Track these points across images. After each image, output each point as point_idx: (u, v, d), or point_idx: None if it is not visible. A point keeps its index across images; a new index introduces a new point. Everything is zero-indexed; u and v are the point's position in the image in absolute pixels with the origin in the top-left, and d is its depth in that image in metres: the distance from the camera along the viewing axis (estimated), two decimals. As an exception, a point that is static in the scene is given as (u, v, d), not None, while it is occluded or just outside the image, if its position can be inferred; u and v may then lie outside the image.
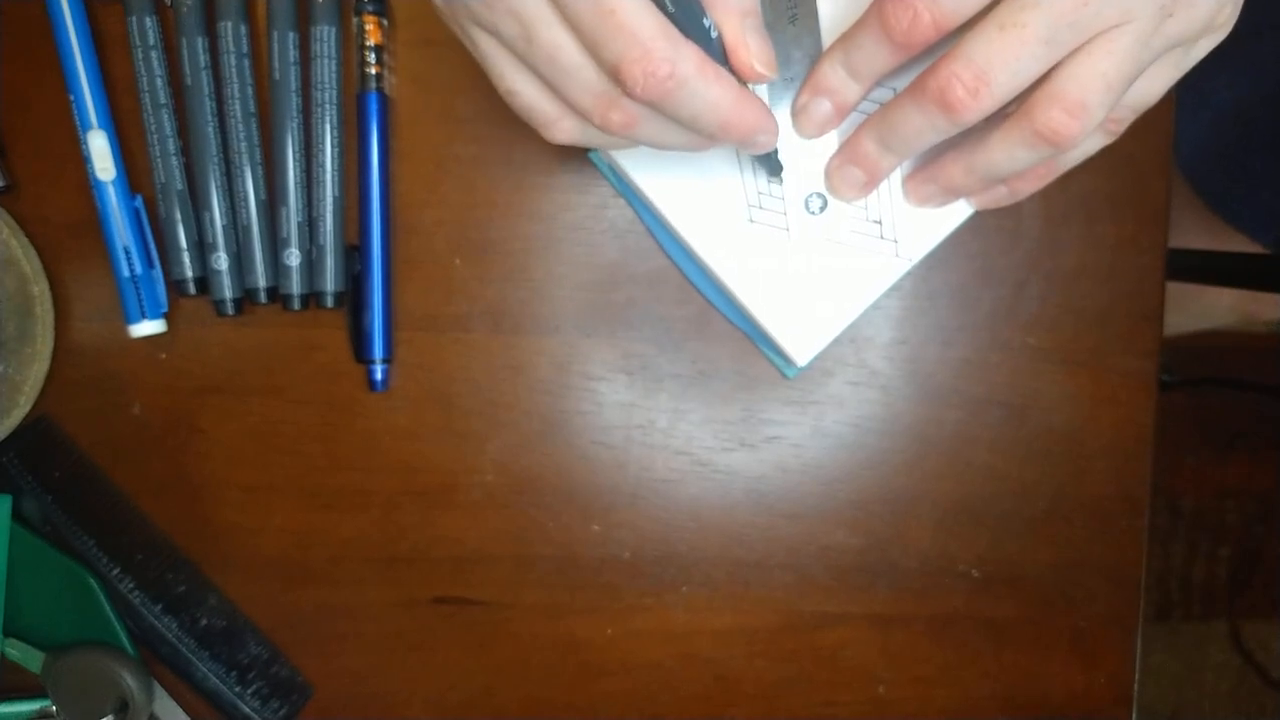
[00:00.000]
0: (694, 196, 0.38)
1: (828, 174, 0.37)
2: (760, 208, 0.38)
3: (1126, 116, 0.33)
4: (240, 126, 0.39)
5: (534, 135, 0.41)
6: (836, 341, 0.42)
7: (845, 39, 0.33)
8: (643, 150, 0.38)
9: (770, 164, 0.36)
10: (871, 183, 0.37)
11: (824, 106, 0.36)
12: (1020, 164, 0.33)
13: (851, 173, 0.37)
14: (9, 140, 0.40)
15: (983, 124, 0.32)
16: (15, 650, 0.41)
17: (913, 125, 0.32)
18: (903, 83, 0.33)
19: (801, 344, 0.39)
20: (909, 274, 0.38)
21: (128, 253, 0.40)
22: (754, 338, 0.42)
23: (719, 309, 0.42)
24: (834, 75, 0.34)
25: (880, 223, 0.38)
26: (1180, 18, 0.29)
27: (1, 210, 0.40)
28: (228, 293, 0.40)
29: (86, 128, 0.39)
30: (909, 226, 0.38)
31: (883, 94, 0.36)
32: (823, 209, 0.38)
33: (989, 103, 0.30)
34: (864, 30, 0.32)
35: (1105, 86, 0.29)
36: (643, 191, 0.38)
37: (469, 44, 0.29)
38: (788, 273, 0.38)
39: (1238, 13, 0.32)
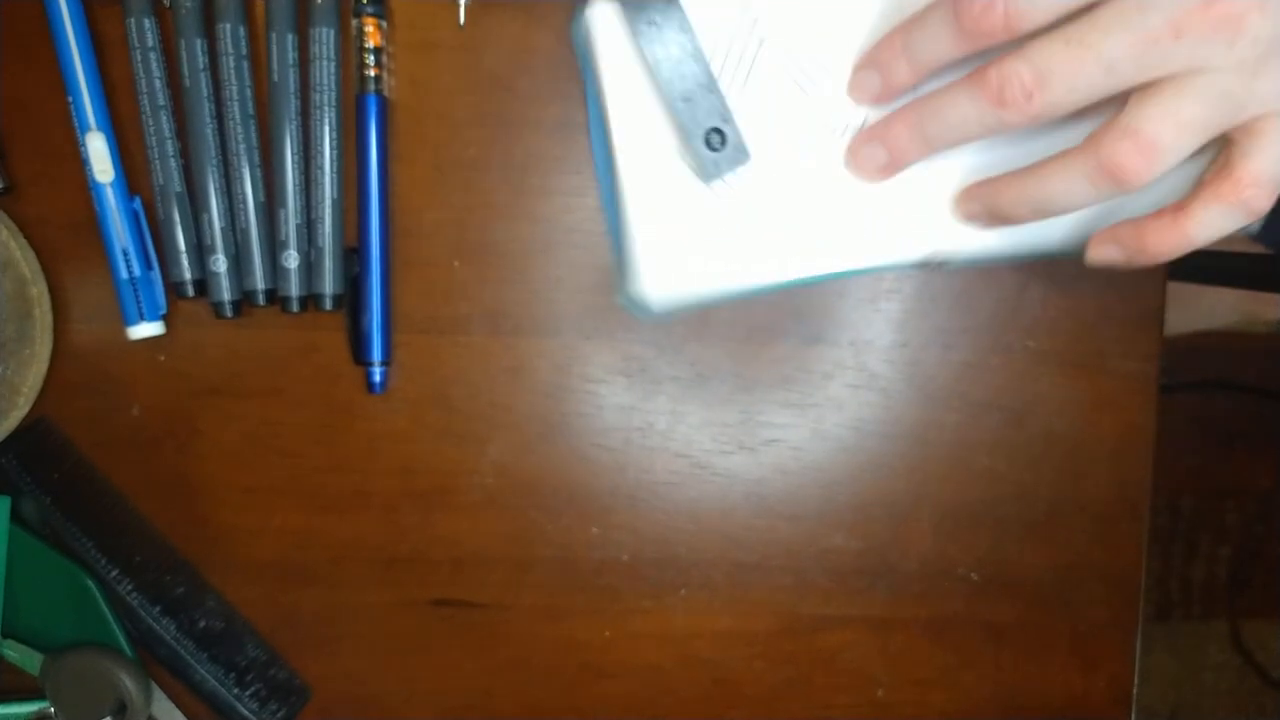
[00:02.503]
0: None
1: (850, 149, 0.36)
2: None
3: (1269, 191, 0.32)
4: (239, 128, 0.39)
5: (534, 137, 0.41)
6: (836, 343, 0.41)
7: (911, 20, 0.33)
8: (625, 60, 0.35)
9: None
10: (892, 167, 0.36)
11: (873, 80, 0.35)
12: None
13: (876, 152, 0.36)
14: (8, 142, 0.40)
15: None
16: (14, 652, 0.41)
17: (959, 114, 0.32)
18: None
19: (657, 277, 0.36)
20: (902, 274, 0.38)
21: (126, 255, 0.40)
22: (615, 244, 0.38)
23: (604, 206, 0.39)
24: (889, 50, 0.34)
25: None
26: (1274, 79, 0.29)
27: (1, 212, 0.40)
28: (226, 295, 0.40)
29: (85, 129, 0.39)
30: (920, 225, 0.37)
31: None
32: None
33: (1039, 109, 0.30)
34: (934, 11, 0.32)
35: (1176, 126, 0.29)
36: (604, 96, 0.35)
37: None
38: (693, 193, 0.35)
39: None
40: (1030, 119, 0.31)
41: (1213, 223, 0.32)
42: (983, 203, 0.36)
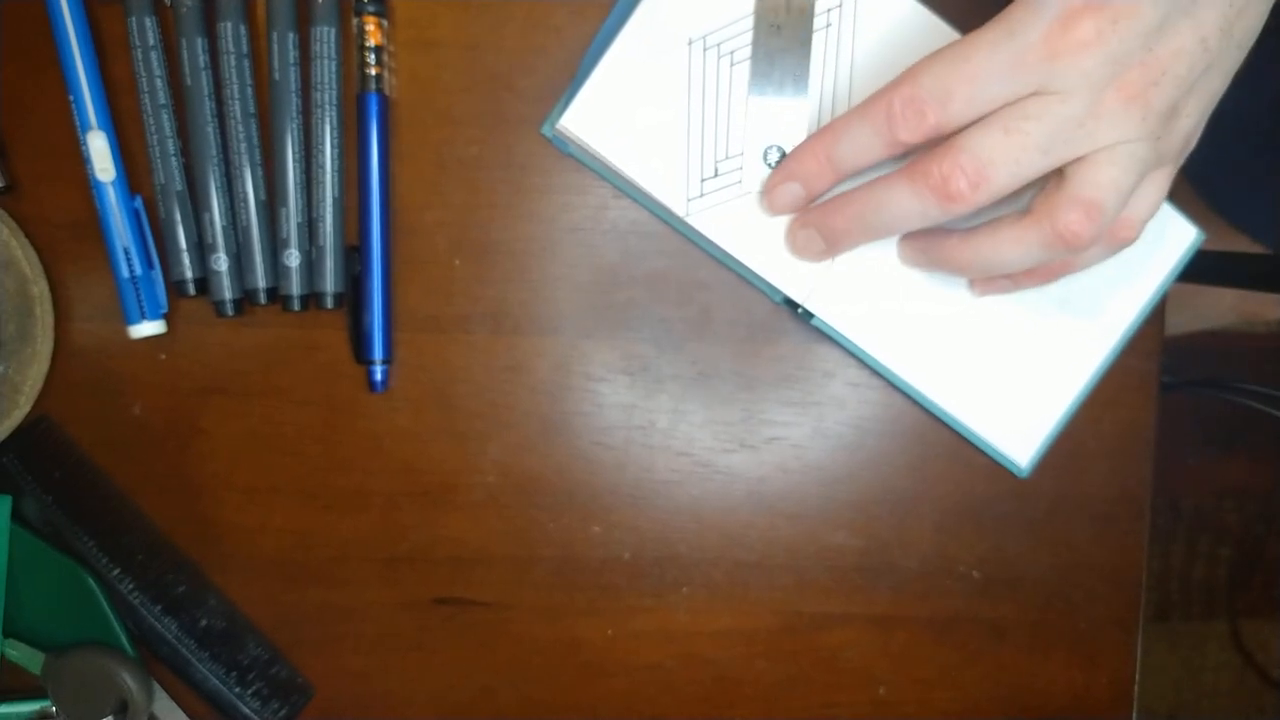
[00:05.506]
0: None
1: (789, 231, 0.38)
2: None
3: (1137, 227, 0.34)
4: (240, 127, 0.39)
5: (534, 136, 0.41)
6: (836, 343, 0.41)
7: (834, 129, 0.34)
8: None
9: None
10: (829, 253, 0.38)
11: (794, 190, 0.37)
12: (1031, 262, 0.34)
13: (812, 239, 0.38)
14: (9, 141, 0.40)
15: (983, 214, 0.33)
16: (15, 651, 0.41)
17: (903, 209, 0.33)
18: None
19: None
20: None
21: (127, 253, 0.40)
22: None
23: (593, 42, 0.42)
24: (813, 161, 0.35)
25: None
26: (1166, 140, 0.32)
27: (1, 211, 0.40)
28: (227, 293, 0.40)
29: (86, 128, 0.39)
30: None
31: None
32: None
33: (985, 198, 0.31)
34: (859, 122, 0.33)
35: (1115, 191, 0.31)
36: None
37: None
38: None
39: (1202, 128, 0.33)
40: (974, 207, 0.31)
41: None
42: (929, 256, 0.38)
